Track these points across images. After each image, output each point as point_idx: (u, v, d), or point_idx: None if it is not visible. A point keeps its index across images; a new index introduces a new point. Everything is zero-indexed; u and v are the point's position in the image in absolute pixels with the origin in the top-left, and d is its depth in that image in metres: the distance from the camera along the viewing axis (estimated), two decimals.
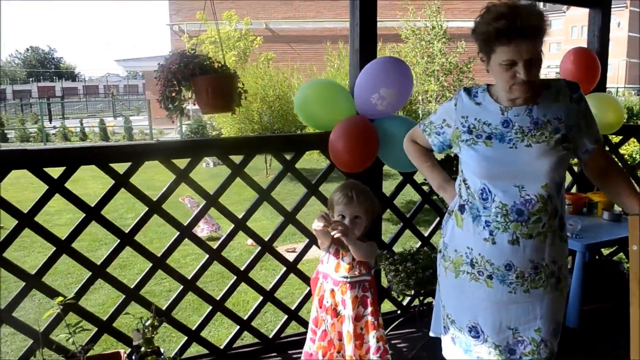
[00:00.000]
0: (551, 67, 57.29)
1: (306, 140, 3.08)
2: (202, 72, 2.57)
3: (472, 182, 1.82)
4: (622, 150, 4.50)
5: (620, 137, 3.90)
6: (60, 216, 7.35)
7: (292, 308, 2.97)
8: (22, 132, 19.70)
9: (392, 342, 3.02)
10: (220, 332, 3.75)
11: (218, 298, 2.81)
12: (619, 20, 54.57)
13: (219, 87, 2.60)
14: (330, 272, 2.18)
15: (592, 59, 3.73)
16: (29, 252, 5.92)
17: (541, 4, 4.41)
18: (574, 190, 3.98)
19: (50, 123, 24.56)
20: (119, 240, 2.54)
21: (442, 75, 15.01)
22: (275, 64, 15.18)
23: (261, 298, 2.91)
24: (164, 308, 2.67)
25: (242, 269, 2.82)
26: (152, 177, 7.52)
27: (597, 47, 3.94)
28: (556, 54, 58.73)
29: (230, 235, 2.78)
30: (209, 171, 11.57)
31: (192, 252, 5.55)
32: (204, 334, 2.83)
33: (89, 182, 9.52)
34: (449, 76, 15.24)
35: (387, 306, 3.49)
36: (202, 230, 6.68)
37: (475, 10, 1.82)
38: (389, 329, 3.09)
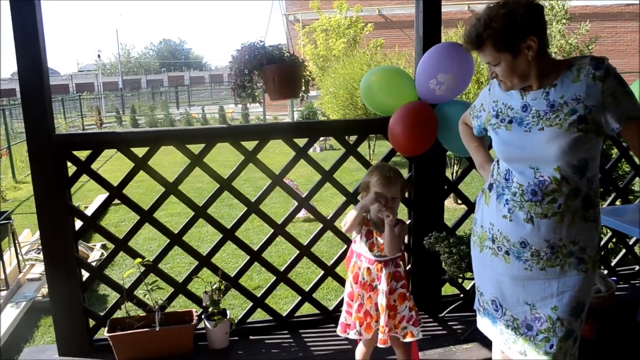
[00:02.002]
0: None
1: (368, 124, 3.20)
2: (269, 62, 2.79)
3: (501, 163, 1.89)
4: None
5: None
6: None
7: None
8: (151, 118, 21.46)
9: (449, 323, 3.08)
10: (280, 304, 4.05)
11: (282, 269, 3.06)
12: None
13: (285, 75, 2.80)
14: (364, 251, 2.30)
15: None
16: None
17: None
18: None
19: (178, 110, 26.46)
20: (193, 213, 2.88)
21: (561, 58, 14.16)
22: (386, 50, 15.21)
23: (322, 272, 3.11)
24: (232, 275, 2.96)
25: (304, 244, 3.05)
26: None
27: None
28: None
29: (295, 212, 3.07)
30: (316, 155, 11.96)
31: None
32: (267, 301, 3.09)
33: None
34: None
35: (449, 290, 3.54)
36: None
37: None
38: (446, 310, 3.15)
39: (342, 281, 3.10)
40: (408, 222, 3.14)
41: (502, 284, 1.90)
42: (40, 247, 3.00)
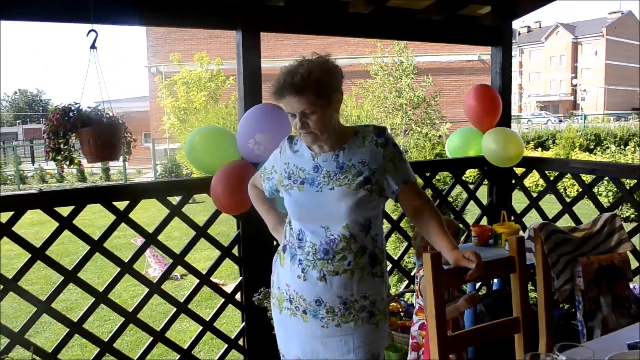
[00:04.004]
0: (531, 96, 58.50)
1: (191, 184, 3.21)
2: (85, 125, 2.71)
3: (293, 224, 1.96)
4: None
5: (524, 169, 4.05)
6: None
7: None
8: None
9: None
10: None
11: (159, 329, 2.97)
12: (596, 49, 55.85)
13: (101, 138, 2.73)
14: None
15: (493, 96, 3.91)
16: None
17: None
18: (483, 222, 4.10)
19: (33, 165, 24.58)
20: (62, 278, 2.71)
21: (410, 109, 15.32)
22: None
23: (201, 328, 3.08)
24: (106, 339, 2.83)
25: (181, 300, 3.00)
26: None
27: (500, 83, 4.11)
28: (536, 84, 60.02)
29: (169, 270, 3.05)
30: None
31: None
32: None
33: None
34: (418, 109, 15.56)
35: None
36: (154, 270, 6.77)
37: (445, 46, 2.02)
38: None
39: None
40: (239, 279, 3.14)
41: (304, 344, 1.95)
42: None
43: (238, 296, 3.17)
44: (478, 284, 4.03)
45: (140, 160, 21.45)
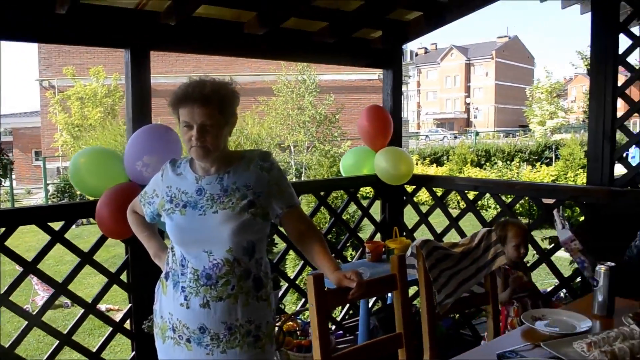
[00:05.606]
0: (429, 113, 61.50)
1: (75, 208, 3.06)
2: None
3: (176, 249, 1.93)
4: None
5: (414, 186, 4.23)
6: None
7: None
8: None
9: None
10: None
11: None
12: (487, 70, 59.75)
13: None
14: None
15: (384, 116, 4.07)
16: None
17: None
18: (377, 238, 4.23)
19: None
20: None
21: (313, 127, 15.56)
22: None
23: None
24: None
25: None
26: None
27: (391, 104, 4.27)
28: (433, 102, 63.18)
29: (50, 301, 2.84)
30: (71, 232, 10.99)
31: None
32: None
33: None
34: (321, 127, 15.84)
35: None
36: (42, 298, 6.36)
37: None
38: None
39: None
40: (129, 306, 3.03)
41: None
42: None
43: (128, 324, 3.04)
44: (373, 299, 4.14)
45: (30, 180, 20.18)
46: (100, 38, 2.92)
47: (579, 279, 3.38)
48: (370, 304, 4.05)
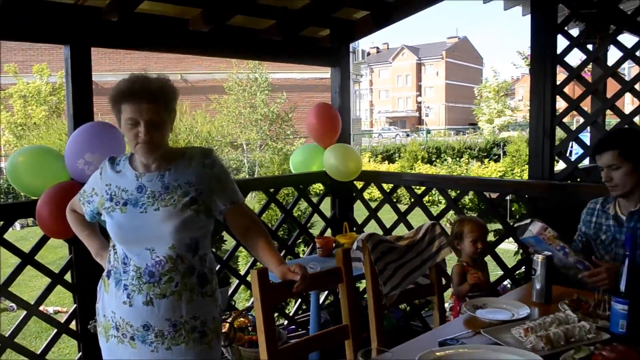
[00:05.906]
0: (381, 112, 62.18)
1: (13, 208, 2.97)
2: None
3: (118, 248, 1.90)
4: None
5: (363, 182, 4.29)
6: None
7: None
8: None
9: None
10: None
11: None
12: (437, 70, 60.88)
13: None
14: None
15: (333, 114, 4.10)
16: None
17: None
18: (328, 234, 4.27)
19: None
20: None
21: (266, 125, 15.52)
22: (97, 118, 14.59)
23: None
24: None
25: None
26: None
27: (339, 102, 4.31)
28: (385, 100, 63.91)
29: None
30: (16, 234, 10.60)
31: None
32: None
33: None
34: (273, 125, 15.81)
35: None
36: None
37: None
38: None
39: None
40: (74, 307, 2.96)
41: None
42: None
43: (74, 325, 2.97)
44: (324, 294, 4.18)
45: None
46: (37, 34, 2.84)
47: (523, 269, 3.50)
48: (322, 299, 4.09)
